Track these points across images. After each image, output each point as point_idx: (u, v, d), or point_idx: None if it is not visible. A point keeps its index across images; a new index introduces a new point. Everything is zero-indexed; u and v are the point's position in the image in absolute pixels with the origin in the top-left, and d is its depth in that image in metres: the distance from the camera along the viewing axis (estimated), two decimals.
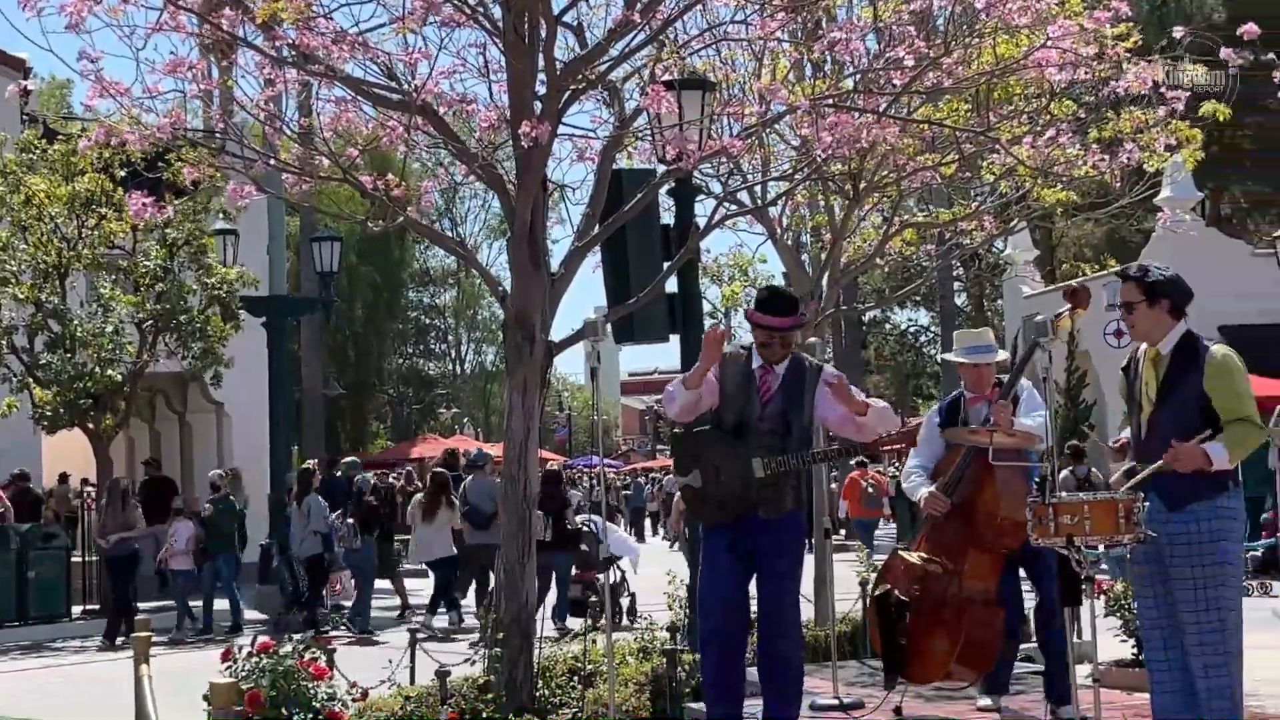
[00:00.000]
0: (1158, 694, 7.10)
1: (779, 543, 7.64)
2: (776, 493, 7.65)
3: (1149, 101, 11.03)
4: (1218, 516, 6.80)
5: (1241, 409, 6.74)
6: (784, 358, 7.82)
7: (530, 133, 8.09)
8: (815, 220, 14.91)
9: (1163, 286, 7.03)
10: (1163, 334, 7.03)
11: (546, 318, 8.98)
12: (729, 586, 7.74)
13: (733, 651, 7.79)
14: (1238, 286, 27.69)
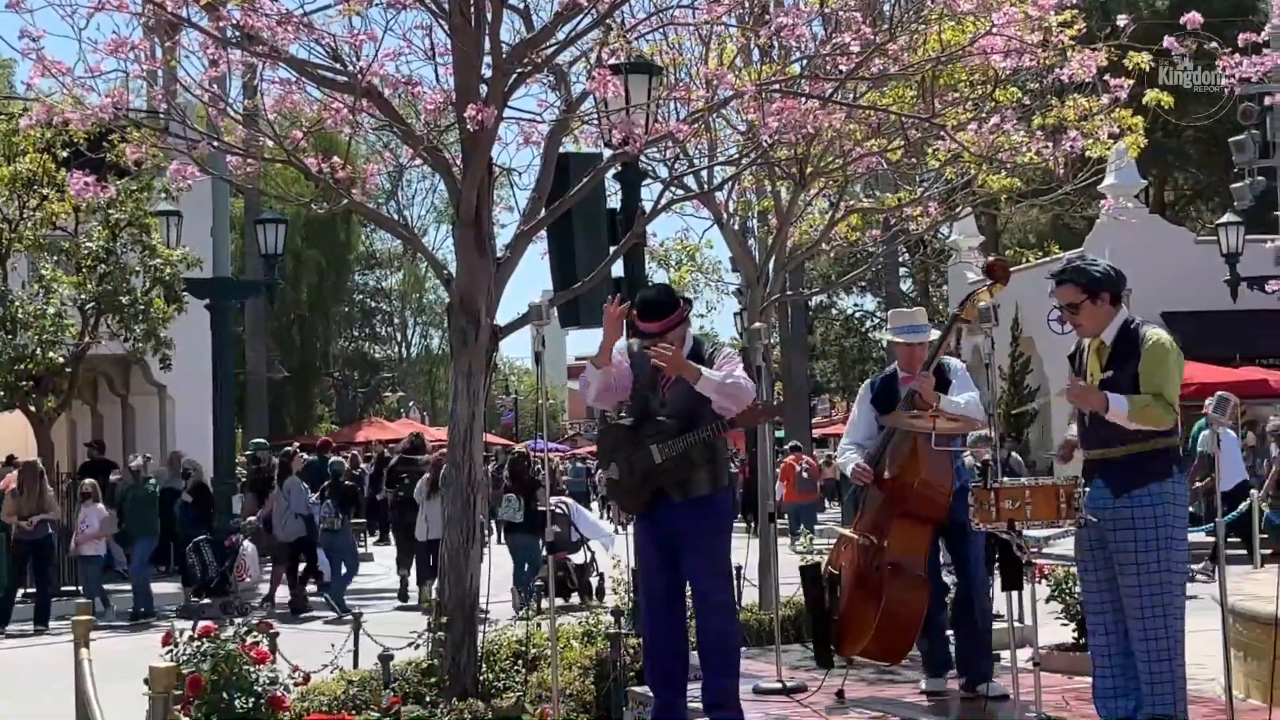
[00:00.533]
0: (1099, 677, 7.17)
1: (696, 525, 7.65)
2: (685, 475, 7.65)
3: (1093, 89, 11.09)
4: (1161, 501, 6.88)
5: (1159, 387, 6.81)
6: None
7: (476, 116, 8.06)
8: (762, 205, 14.93)
9: (1102, 281, 7.10)
10: (1106, 324, 7.09)
11: (492, 302, 8.95)
12: (658, 579, 7.80)
13: (670, 642, 7.80)
14: (1180, 274, 27.94)
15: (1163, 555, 6.85)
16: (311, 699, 8.15)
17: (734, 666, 7.81)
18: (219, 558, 19.10)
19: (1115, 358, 7.01)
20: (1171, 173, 47.08)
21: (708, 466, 7.69)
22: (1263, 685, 8.51)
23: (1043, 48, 9.93)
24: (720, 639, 7.70)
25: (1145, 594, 6.85)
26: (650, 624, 7.89)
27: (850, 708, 8.63)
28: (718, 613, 7.71)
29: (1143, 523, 6.86)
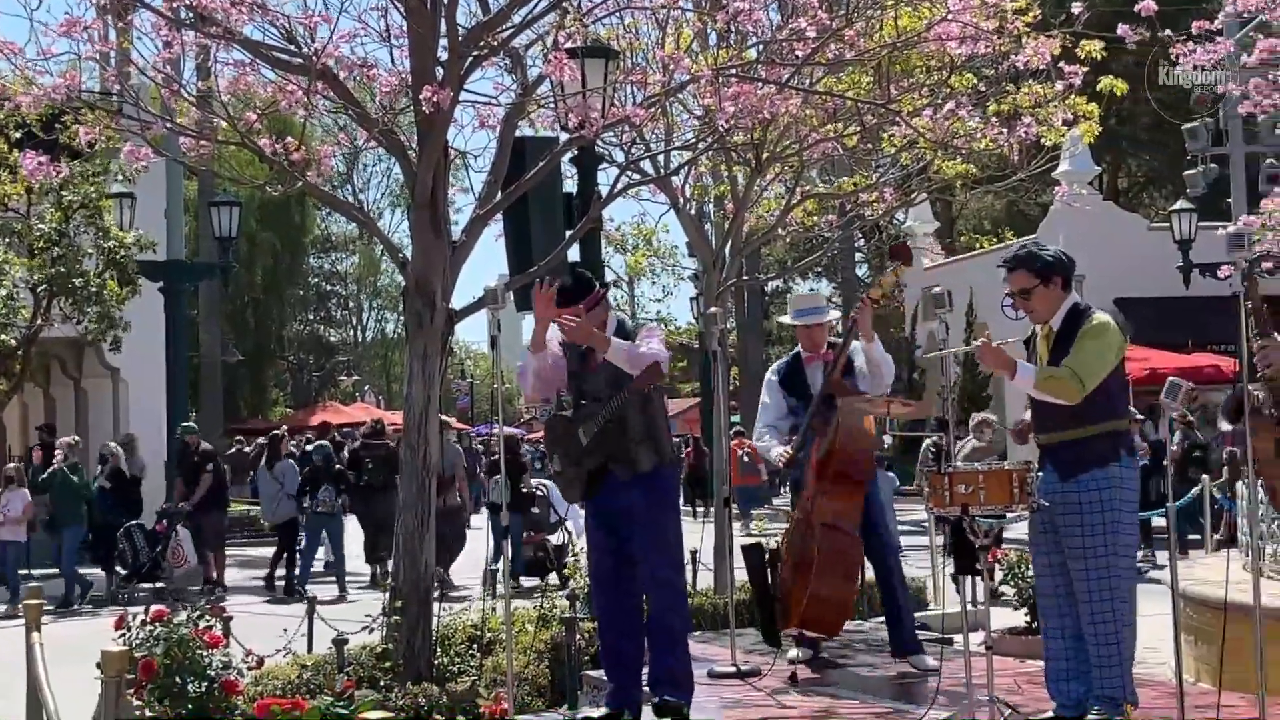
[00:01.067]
0: (1051, 660, 7.22)
1: (642, 501, 7.64)
2: (628, 453, 7.64)
3: (1047, 76, 11.13)
4: (1108, 486, 6.92)
5: (1074, 360, 6.84)
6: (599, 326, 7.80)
7: (431, 98, 8.04)
8: (718, 190, 14.94)
9: (1053, 266, 7.13)
10: (1057, 309, 7.13)
11: (447, 285, 8.93)
12: (606, 560, 7.78)
13: (621, 623, 7.80)
14: (1134, 260, 28.10)
15: (1109, 539, 6.90)
16: (265, 683, 8.13)
17: (679, 645, 7.79)
18: (150, 544, 19.04)
19: (1060, 342, 7.05)
20: (1125, 160, 47.36)
21: (648, 442, 7.67)
22: (1212, 669, 8.57)
23: (998, 34, 9.97)
24: (663, 615, 7.69)
25: (1092, 578, 6.90)
26: (601, 606, 7.89)
27: (803, 689, 8.66)
28: (662, 589, 7.70)
29: (1089, 507, 6.90)
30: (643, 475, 7.64)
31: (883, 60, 10.97)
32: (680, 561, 7.92)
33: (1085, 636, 6.97)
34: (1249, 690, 6.10)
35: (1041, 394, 6.87)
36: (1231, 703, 7.02)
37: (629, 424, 7.63)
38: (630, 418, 7.61)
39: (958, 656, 8.00)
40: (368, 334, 69.21)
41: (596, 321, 7.69)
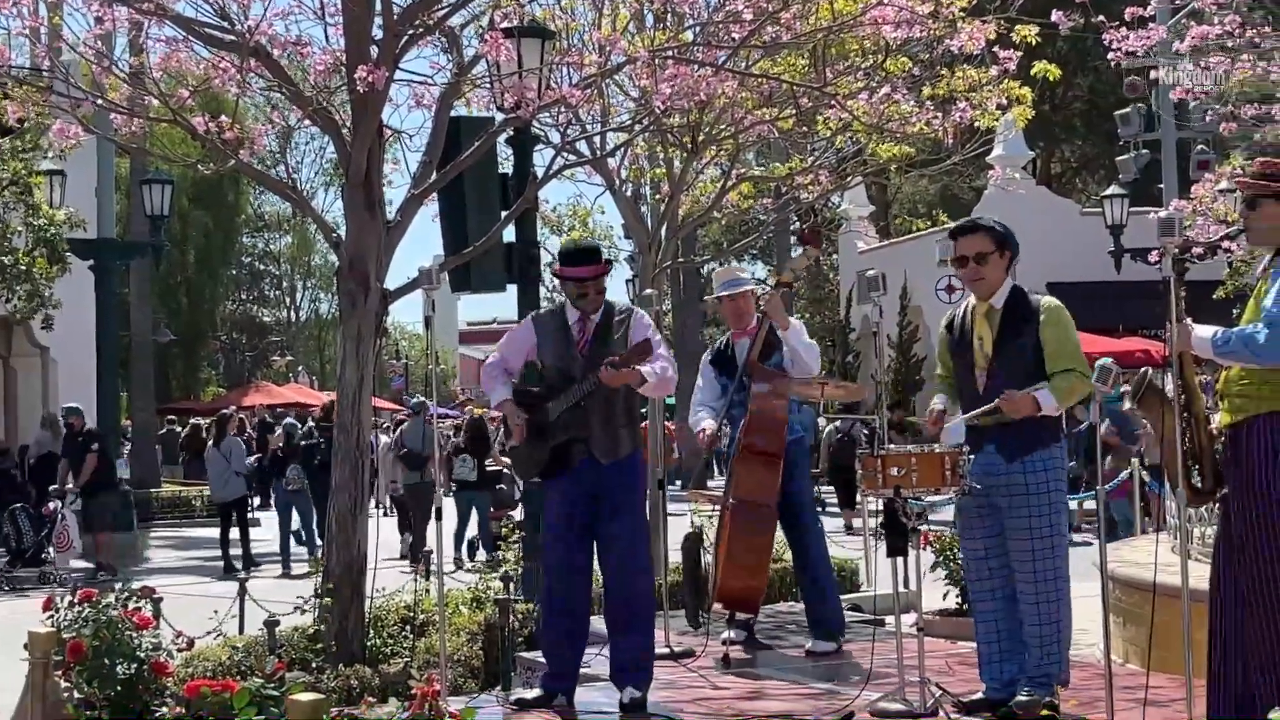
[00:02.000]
0: (983, 642, 7.26)
1: (622, 484, 7.62)
2: (612, 437, 7.62)
3: (982, 60, 11.19)
4: (1051, 467, 6.98)
5: (1071, 359, 6.90)
6: (599, 306, 7.79)
7: (366, 77, 7.99)
8: (654, 172, 14.94)
9: (1008, 238, 7.18)
10: (1000, 287, 7.15)
11: (381, 265, 8.89)
12: (569, 539, 7.71)
13: (574, 604, 7.78)
14: (1067, 244, 28.34)
15: (1054, 519, 6.97)
16: (196, 665, 8.08)
17: (650, 632, 7.80)
18: (36, 527, 18.93)
19: (1008, 324, 7.06)
20: (1059, 145, 47.69)
21: (630, 427, 7.67)
22: (1141, 650, 8.67)
23: (933, 18, 10.00)
24: (636, 601, 7.67)
25: (1038, 557, 6.95)
26: (555, 588, 7.80)
27: (735, 670, 8.69)
28: (639, 575, 7.67)
29: (1036, 488, 6.95)
30: (623, 459, 7.64)
31: (818, 43, 10.99)
32: (647, 543, 7.90)
33: (1025, 616, 7.02)
34: (1177, 672, 6.17)
35: (1069, 404, 6.95)
36: (1159, 684, 7.10)
37: (615, 407, 7.58)
38: (617, 401, 7.58)
39: (889, 638, 8.05)
40: (302, 314, 68.79)
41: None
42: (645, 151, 14.64)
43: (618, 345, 7.57)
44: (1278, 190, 5.99)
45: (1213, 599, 6.07)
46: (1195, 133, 26.91)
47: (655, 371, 7.45)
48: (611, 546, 7.64)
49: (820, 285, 45.65)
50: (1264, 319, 5.81)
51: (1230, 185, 15.12)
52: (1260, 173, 6.11)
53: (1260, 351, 5.78)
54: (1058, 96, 41.06)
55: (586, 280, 7.65)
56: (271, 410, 39.39)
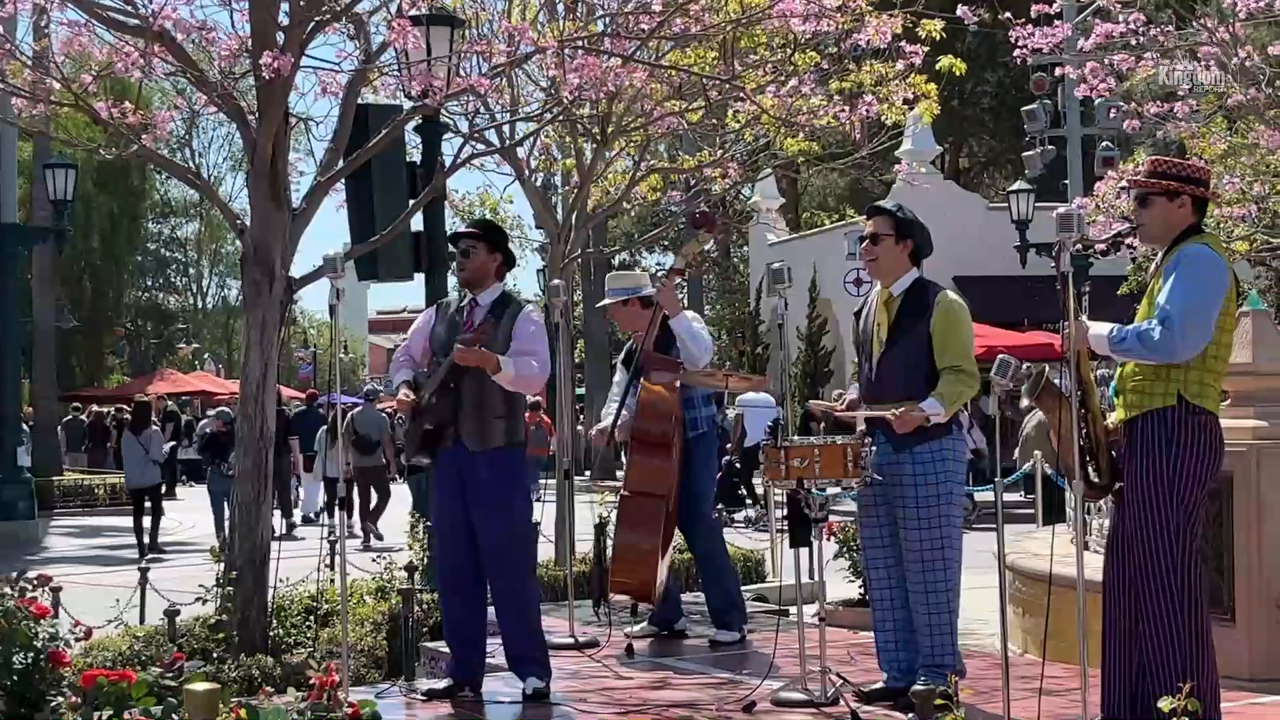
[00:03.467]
0: (881, 631, 7.34)
1: (492, 477, 7.61)
2: (483, 426, 7.62)
3: (889, 55, 11.27)
4: (943, 458, 7.04)
5: (957, 359, 6.96)
6: (480, 281, 7.80)
7: (272, 64, 7.93)
8: (564, 163, 14.93)
9: (912, 227, 7.24)
10: (899, 275, 7.22)
11: (287, 253, 8.82)
12: (451, 530, 7.73)
13: (463, 594, 7.78)
14: (973, 239, 28.59)
15: (942, 510, 7.03)
16: (94, 655, 8.01)
17: (531, 620, 7.78)
18: None
19: (904, 313, 7.14)
20: (967, 140, 48.10)
21: (506, 420, 7.66)
22: (1039, 641, 8.77)
23: (840, 12, 10.05)
24: (509, 591, 7.67)
25: (925, 548, 7.02)
26: (442, 571, 7.85)
27: (640, 660, 8.72)
28: (506, 566, 7.67)
29: (922, 478, 7.02)
30: (494, 450, 7.62)
31: (727, 36, 11.02)
32: (526, 537, 7.88)
33: (914, 606, 7.10)
34: (1073, 662, 6.25)
35: (955, 409, 6.98)
36: (1055, 674, 7.19)
37: (491, 397, 7.59)
38: (493, 391, 7.58)
39: (792, 628, 8.11)
40: (208, 301, 68.10)
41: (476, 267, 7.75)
42: (555, 141, 14.62)
43: (499, 336, 7.60)
44: (1169, 188, 6.09)
45: (1106, 590, 6.17)
46: (1100, 130, 27.26)
47: (515, 365, 7.51)
48: (484, 541, 7.63)
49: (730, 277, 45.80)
50: (1158, 316, 5.90)
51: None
52: (1152, 171, 6.21)
53: (1154, 348, 5.88)
54: (966, 92, 41.43)
55: (459, 240, 7.72)
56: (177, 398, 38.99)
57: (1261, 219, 15.10)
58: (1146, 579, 5.95)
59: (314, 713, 5.65)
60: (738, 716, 7.11)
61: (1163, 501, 5.91)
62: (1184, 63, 11.94)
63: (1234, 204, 14.40)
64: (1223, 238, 14.68)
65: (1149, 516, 5.94)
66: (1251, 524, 8.41)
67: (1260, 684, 8.01)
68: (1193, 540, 5.97)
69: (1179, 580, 5.90)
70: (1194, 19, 12.67)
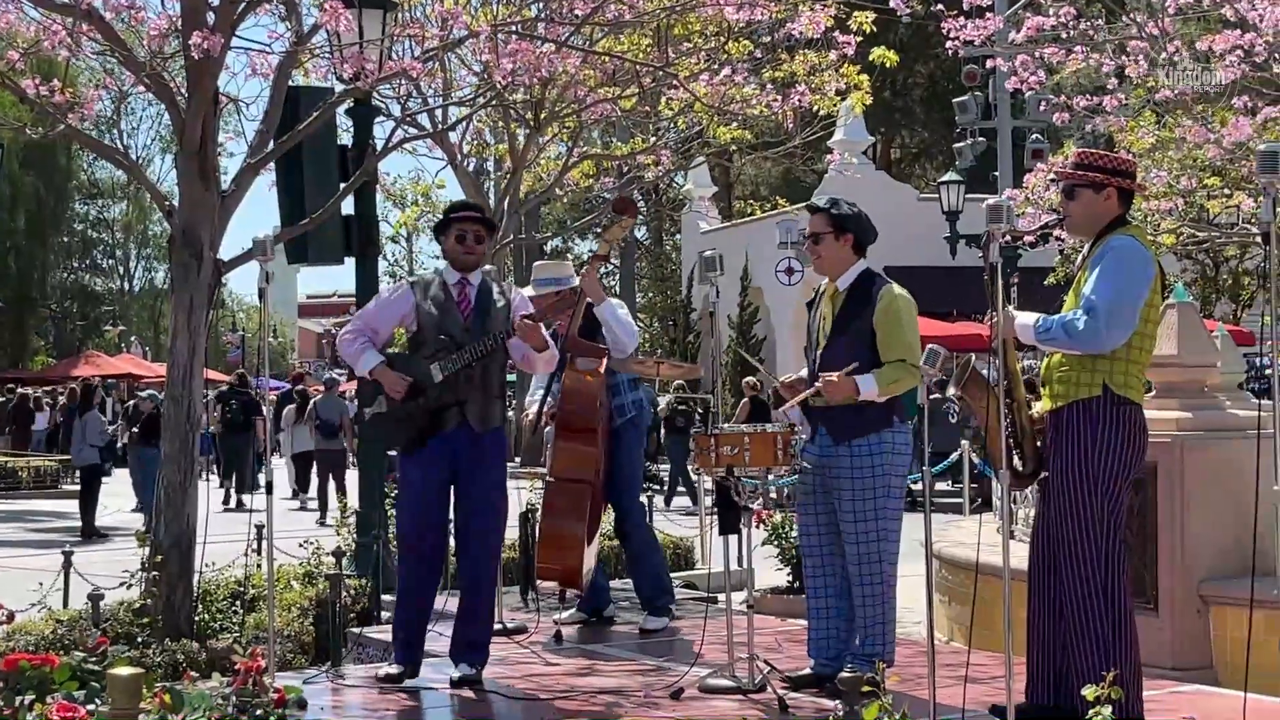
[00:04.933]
0: (813, 619, 7.36)
1: (488, 457, 7.60)
2: (487, 406, 7.60)
3: (821, 45, 11.30)
4: (881, 450, 7.05)
5: (900, 351, 6.98)
6: (478, 258, 7.82)
7: (202, 44, 7.86)
8: (496, 148, 14.89)
9: (849, 221, 7.23)
10: (844, 269, 7.23)
11: (216, 235, 8.76)
12: (433, 516, 7.66)
13: (429, 584, 7.75)
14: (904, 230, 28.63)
15: (879, 503, 7.04)
16: (17, 639, 7.93)
17: (490, 610, 7.79)
18: None
19: (847, 306, 7.16)
20: (899, 131, 48.32)
21: (501, 401, 7.68)
22: (965, 628, 8.84)
23: (774, 1, 10.07)
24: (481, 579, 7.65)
25: (862, 540, 7.04)
26: (412, 566, 7.76)
27: (568, 647, 8.72)
28: (488, 552, 7.66)
29: (860, 471, 7.03)
30: (495, 431, 7.63)
31: (661, 23, 11.02)
32: (506, 519, 7.86)
33: (853, 596, 7.12)
34: (999, 649, 6.31)
35: (890, 394, 6.98)
36: (981, 661, 7.25)
37: (493, 377, 7.62)
38: (495, 371, 7.62)
39: (720, 615, 8.13)
40: (135, 283, 67.48)
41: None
42: (488, 126, 14.58)
43: (501, 314, 7.63)
44: (1094, 180, 6.14)
45: (1031, 579, 6.22)
46: (1030, 122, 27.40)
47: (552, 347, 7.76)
48: (475, 522, 7.60)
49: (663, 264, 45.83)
50: (1083, 306, 5.96)
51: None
52: (1078, 163, 6.26)
53: (1079, 338, 5.93)
54: (898, 83, 41.61)
55: (467, 222, 7.69)
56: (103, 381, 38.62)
57: (1188, 212, 15.24)
58: (1070, 568, 6.01)
59: (239, 698, 5.62)
60: (665, 703, 7.12)
61: (1087, 491, 5.97)
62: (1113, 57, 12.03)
63: (1161, 197, 14.52)
64: (1150, 231, 14.82)
65: (1073, 506, 5.99)
66: (1175, 514, 8.52)
67: (1182, 672, 8.12)
68: (1116, 530, 6.03)
69: (1102, 569, 5.97)
70: (1124, 13, 12.77)
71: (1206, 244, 20.05)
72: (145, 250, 65.93)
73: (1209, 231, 16.21)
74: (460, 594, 7.76)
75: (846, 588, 7.19)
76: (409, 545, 7.77)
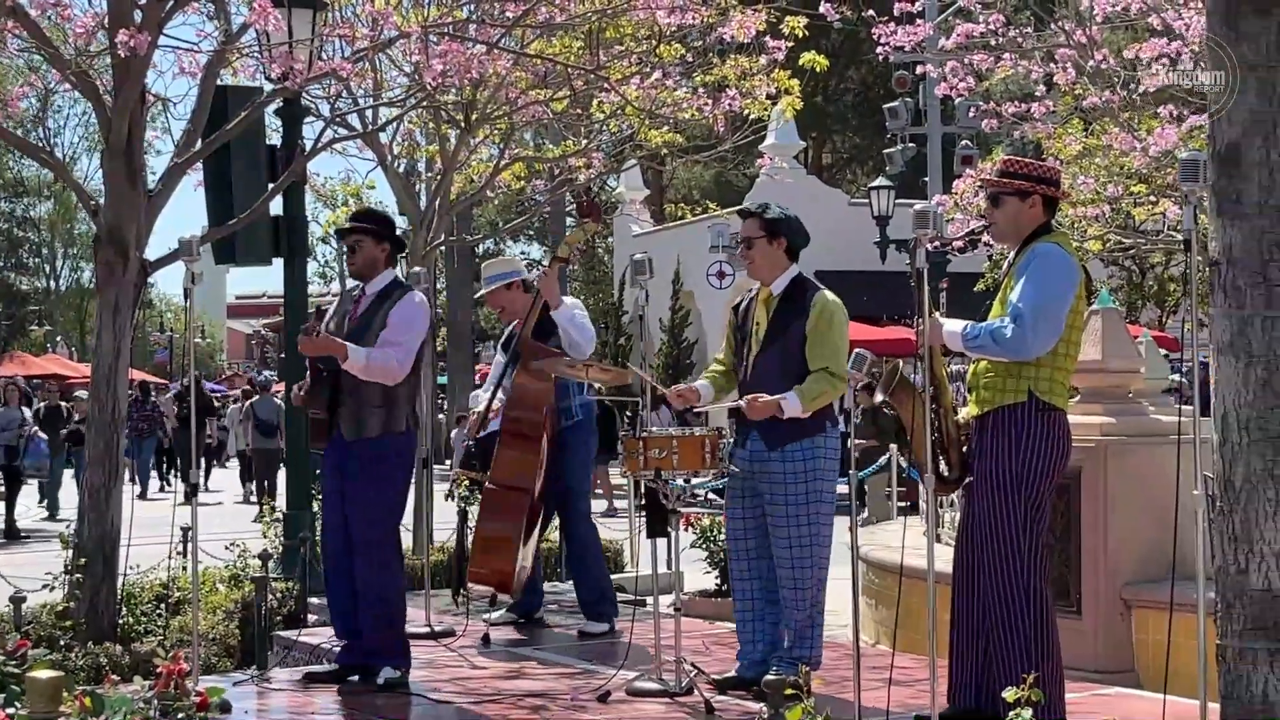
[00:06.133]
0: (740, 622, 7.38)
1: (363, 467, 7.56)
2: (359, 414, 7.57)
3: (752, 49, 11.34)
4: (814, 456, 7.07)
5: (827, 360, 7.00)
6: (357, 268, 7.75)
7: (129, 42, 7.80)
8: (427, 149, 14.83)
9: (781, 225, 7.25)
10: (777, 274, 7.24)
11: (142, 235, 8.69)
12: (330, 513, 7.70)
13: (345, 581, 7.72)
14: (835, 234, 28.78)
15: (811, 508, 7.06)
16: None
17: (390, 614, 7.70)
18: None
19: (781, 312, 7.17)
20: (830, 136, 48.53)
21: (383, 410, 7.57)
22: (892, 632, 8.89)
23: (705, 5, 10.10)
24: (370, 584, 7.61)
25: (794, 545, 7.06)
26: (328, 563, 7.78)
27: (496, 650, 8.70)
28: (371, 563, 7.61)
29: (793, 476, 7.05)
30: (367, 439, 7.56)
31: (593, 26, 11.02)
32: (395, 528, 7.78)
33: (782, 600, 7.14)
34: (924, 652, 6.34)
35: (815, 409, 6.99)
36: (906, 664, 7.30)
37: (363, 388, 7.52)
38: (367, 383, 7.52)
39: (648, 618, 8.14)
40: (61, 283, 66.79)
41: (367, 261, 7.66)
42: (419, 127, 14.52)
43: (378, 321, 7.55)
44: (1020, 188, 6.19)
45: (955, 582, 6.27)
46: (960, 128, 27.59)
47: (369, 354, 7.45)
48: (352, 531, 7.58)
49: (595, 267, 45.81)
50: (1010, 313, 6.00)
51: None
52: (1003, 171, 6.31)
53: (1006, 345, 5.97)
54: (829, 88, 41.81)
55: (349, 234, 7.69)
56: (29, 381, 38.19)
57: (1114, 219, 15.39)
58: (993, 571, 6.05)
59: (160, 701, 5.57)
60: (592, 706, 7.12)
61: (1011, 495, 6.02)
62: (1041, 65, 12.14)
63: (1088, 204, 14.65)
64: (1077, 237, 14.95)
65: (997, 510, 6.04)
66: (1098, 518, 8.61)
67: (1105, 675, 8.20)
68: (1039, 534, 6.08)
69: (1025, 573, 6.01)
70: (1052, 21, 12.89)
71: (1133, 250, 20.23)
72: (71, 249, 65.27)
73: (1135, 238, 16.37)
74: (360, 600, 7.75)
75: (774, 591, 7.22)
76: (324, 549, 7.89)
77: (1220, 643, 4.75)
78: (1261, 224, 4.68)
